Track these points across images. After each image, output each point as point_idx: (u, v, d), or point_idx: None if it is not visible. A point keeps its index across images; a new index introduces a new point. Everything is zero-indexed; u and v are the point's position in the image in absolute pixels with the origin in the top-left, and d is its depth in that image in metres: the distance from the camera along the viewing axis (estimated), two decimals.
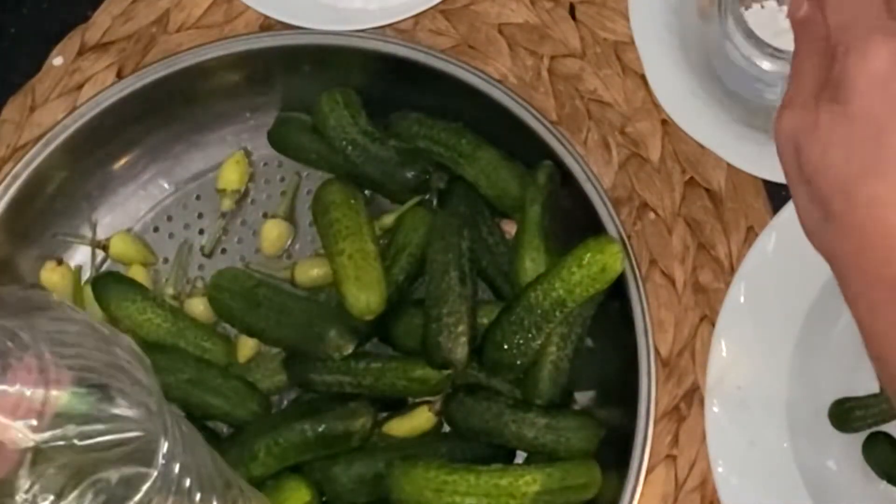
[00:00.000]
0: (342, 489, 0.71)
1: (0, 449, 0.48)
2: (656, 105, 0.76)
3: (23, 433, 0.49)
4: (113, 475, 0.51)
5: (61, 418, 0.50)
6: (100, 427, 0.51)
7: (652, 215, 0.76)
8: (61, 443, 0.50)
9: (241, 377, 0.74)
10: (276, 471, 0.71)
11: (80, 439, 0.50)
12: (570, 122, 0.77)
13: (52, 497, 0.50)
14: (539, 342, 0.70)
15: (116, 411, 0.51)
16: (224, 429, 0.75)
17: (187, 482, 0.55)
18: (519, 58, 0.78)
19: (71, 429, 0.50)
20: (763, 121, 0.75)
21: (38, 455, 0.49)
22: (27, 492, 0.49)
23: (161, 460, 0.53)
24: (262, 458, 0.70)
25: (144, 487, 0.52)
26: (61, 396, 0.50)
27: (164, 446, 0.53)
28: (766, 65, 0.70)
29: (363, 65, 0.76)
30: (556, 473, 0.69)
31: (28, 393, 0.49)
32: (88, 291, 0.76)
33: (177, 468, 0.54)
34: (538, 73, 0.78)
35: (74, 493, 0.50)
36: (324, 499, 0.72)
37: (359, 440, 0.71)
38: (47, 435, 0.49)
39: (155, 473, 0.52)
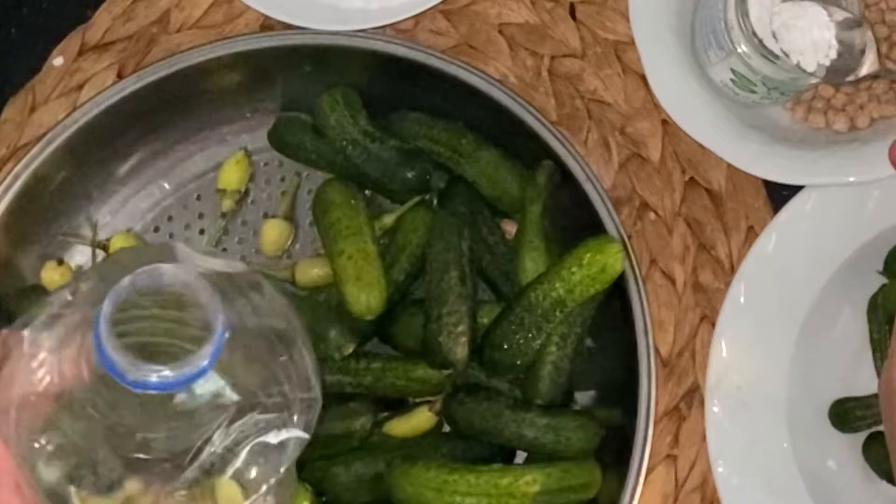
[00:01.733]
0: (342, 489, 0.71)
1: (38, 401, 0.50)
2: (656, 105, 0.76)
3: None
4: (274, 438, 0.55)
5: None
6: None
7: (652, 215, 0.76)
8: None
9: None
10: None
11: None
12: (570, 122, 0.77)
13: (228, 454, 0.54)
14: (539, 342, 0.70)
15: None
16: None
17: None
18: (519, 58, 0.78)
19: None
20: (762, 121, 0.75)
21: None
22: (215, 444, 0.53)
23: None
24: None
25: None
26: None
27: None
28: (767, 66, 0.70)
29: (363, 65, 0.76)
30: (556, 473, 0.69)
31: None
32: None
33: None
34: (538, 73, 0.78)
35: (244, 453, 0.54)
36: (324, 499, 0.72)
37: (359, 440, 0.71)
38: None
39: (307, 437, 0.56)
